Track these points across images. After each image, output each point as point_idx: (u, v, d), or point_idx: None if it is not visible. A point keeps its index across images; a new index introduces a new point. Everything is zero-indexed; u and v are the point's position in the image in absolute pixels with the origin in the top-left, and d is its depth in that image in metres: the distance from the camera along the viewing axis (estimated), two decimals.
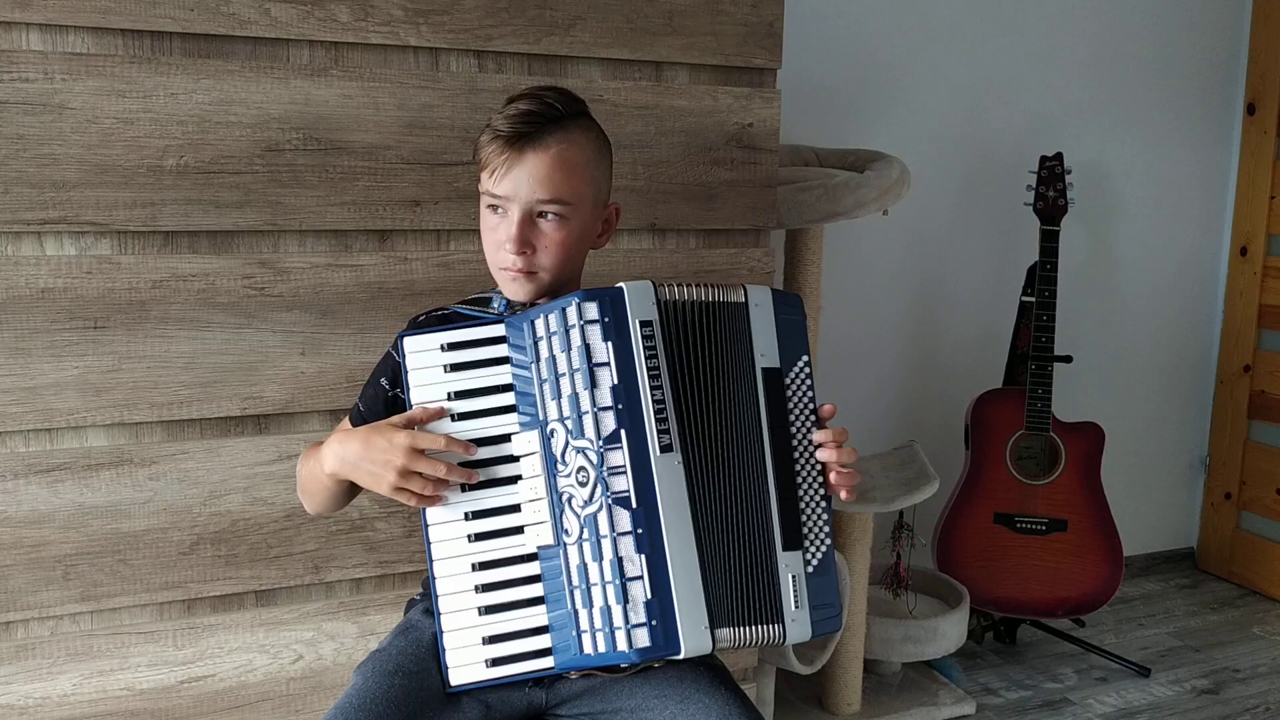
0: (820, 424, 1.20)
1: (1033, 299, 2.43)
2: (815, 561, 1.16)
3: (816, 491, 1.18)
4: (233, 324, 1.41)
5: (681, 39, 1.58)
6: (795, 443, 1.17)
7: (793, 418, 1.18)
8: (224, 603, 1.47)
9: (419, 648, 1.19)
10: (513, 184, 1.17)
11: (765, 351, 1.17)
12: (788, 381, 1.18)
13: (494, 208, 1.20)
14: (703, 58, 1.60)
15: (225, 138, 1.37)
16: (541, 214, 1.18)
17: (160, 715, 1.45)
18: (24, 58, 1.28)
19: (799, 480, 1.17)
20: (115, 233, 1.35)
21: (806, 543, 1.15)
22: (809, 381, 1.20)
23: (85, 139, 1.32)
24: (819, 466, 1.18)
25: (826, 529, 1.18)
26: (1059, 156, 2.42)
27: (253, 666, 1.49)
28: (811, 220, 1.94)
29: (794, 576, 1.13)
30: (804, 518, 1.16)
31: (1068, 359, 2.43)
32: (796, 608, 1.13)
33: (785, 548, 1.14)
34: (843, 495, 1.18)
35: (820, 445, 1.18)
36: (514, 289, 1.22)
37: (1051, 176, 2.41)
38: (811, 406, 1.19)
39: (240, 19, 1.36)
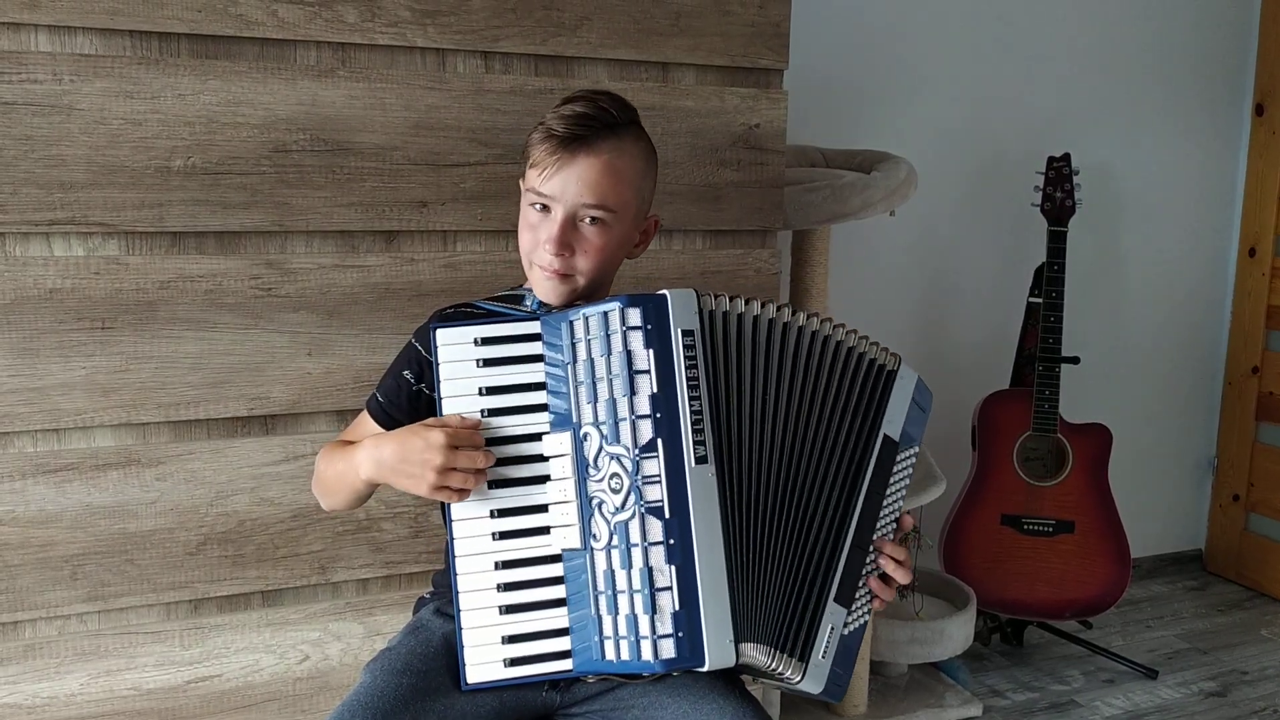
0: (899, 519, 1.24)
1: (1040, 300, 2.42)
2: (853, 627, 1.18)
3: (878, 569, 1.21)
4: (240, 324, 1.41)
5: (688, 39, 1.58)
6: (883, 513, 1.21)
7: (890, 491, 1.21)
8: (231, 603, 1.47)
9: (429, 648, 1.18)
10: (560, 185, 1.16)
11: (893, 420, 1.22)
12: (899, 458, 1.22)
13: (537, 205, 1.19)
14: (709, 58, 1.60)
15: (232, 139, 1.38)
16: (585, 218, 1.18)
17: (167, 715, 1.45)
18: (32, 59, 1.28)
19: (871, 550, 1.20)
20: (123, 233, 1.36)
21: (854, 605, 1.18)
22: (910, 471, 1.25)
23: (93, 140, 1.32)
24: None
25: (869, 608, 1.21)
26: (1066, 157, 2.41)
27: (259, 667, 1.49)
28: (818, 221, 1.93)
29: (832, 628, 1.15)
30: (860, 584, 1.19)
31: (1075, 360, 2.43)
32: (823, 657, 1.14)
33: (836, 599, 1.15)
34: (875, 604, 1.22)
35: (891, 558, 1.21)
36: (547, 289, 1.21)
37: (1059, 177, 2.40)
38: (903, 494, 1.24)
39: (247, 20, 1.36)
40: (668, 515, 1.06)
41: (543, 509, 1.12)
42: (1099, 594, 2.42)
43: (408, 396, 1.25)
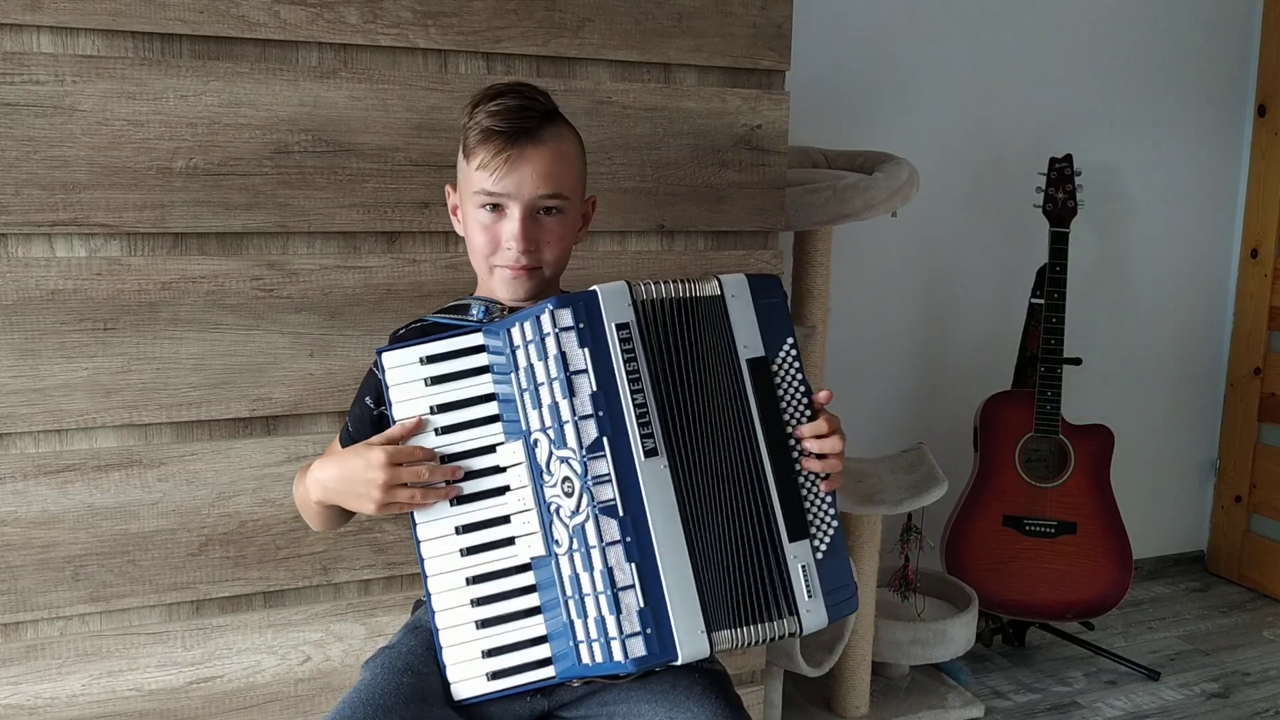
0: (814, 406, 1.17)
1: (1042, 301, 2.42)
2: (824, 547, 1.14)
3: (819, 476, 1.16)
4: (242, 325, 1.41)
5: (690, 40, 1.58)
6: (790, 430, 1.15)
7: (784, 404, 1.15)
8: (232, 604, 1.47)
9: (428, 650, 1.18)
10: (515, 182, 1.17)
11: (748, 342, 1.14)
12: (774, 369, 1.15)
13: (489, 206, 1.19)
14: (711, 59, 1.60)
15: (234, 139, 1.38)
16: (542, 209, 1.19)
17: (168, 716, 1.45)
18: (35, 60, 1.28)
19: (798, 467, 1.15)
20: (125, 234, 1.36)
21: (813, 529, 1.14)
22: (797, 364, 1.16)
23: (95, 141, 1.32)
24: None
25: (832, 511, 1.15)
26: (1068, 158, 2.41)
27: (261, 668, 1.49)
28: (820, 222, 1.94)
29: (804, 566, 1.11)
30: (808, 504, 1.14)
31: (1077, 361, 2.42)
32: (810, 597, 1.11)
33: (792, 539, 1.12)
34: (821, 487, 1.15)
35: (809, 438, 1.15)
36: (514, 287, 1.22)
37: (1061, 178, 2.40)
38: (803, 389, 1.16)
39: (250, 21, 1.36)
40: (621, 513, 1.05)
41: (506, 520, 1.12)
42: (1101, 595, 2.41)
43: (370, 422, 1.25)
